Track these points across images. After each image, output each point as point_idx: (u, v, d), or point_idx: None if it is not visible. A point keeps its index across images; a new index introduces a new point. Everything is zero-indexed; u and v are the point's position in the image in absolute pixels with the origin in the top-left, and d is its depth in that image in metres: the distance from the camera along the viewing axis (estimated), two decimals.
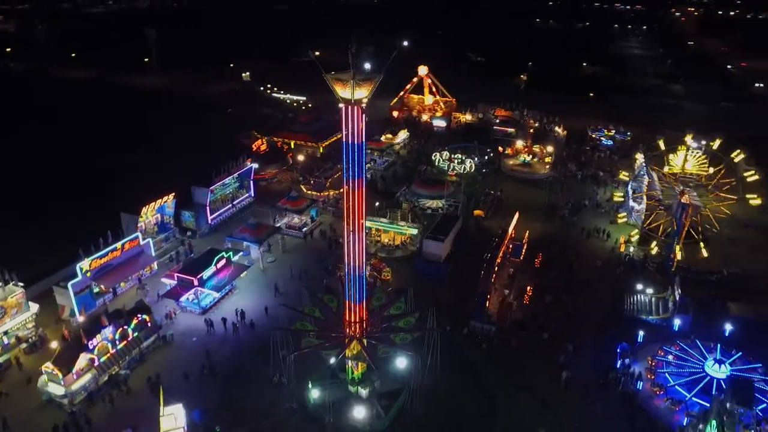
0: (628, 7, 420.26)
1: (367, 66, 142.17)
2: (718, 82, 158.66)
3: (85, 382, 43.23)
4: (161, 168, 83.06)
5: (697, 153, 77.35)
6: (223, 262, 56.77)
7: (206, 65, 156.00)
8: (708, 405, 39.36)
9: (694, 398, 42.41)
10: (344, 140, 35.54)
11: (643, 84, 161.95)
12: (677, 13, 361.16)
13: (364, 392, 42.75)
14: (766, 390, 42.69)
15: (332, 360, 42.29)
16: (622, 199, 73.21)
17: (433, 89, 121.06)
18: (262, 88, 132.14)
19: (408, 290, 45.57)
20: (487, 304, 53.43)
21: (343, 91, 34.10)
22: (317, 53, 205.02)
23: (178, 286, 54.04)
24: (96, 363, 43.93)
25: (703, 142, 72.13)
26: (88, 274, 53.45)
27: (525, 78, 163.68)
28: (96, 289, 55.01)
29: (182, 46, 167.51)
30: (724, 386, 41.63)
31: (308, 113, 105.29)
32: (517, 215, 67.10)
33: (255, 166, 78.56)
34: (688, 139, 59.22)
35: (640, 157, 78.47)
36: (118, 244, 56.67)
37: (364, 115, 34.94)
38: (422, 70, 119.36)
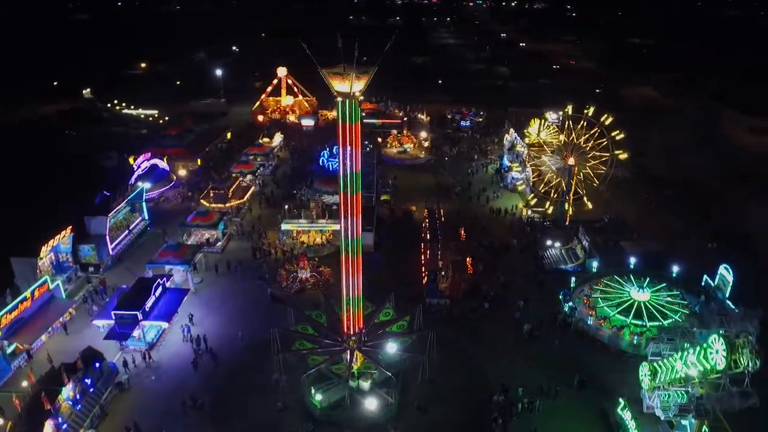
0: (426, 1, 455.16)
1: (219, 72, 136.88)
2: (530, 63, 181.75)
3: None
4: (25, 205, 71.55)
5: (550, 124, 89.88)
6: (160, 289, 51.98)
7: (14, 86, 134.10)
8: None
9: (632, 321, 50.69)
10: (340, 133, 36.06)
11: (470, 69, 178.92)
12: (471, 4, 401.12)
13: (366, 384, 43.18)
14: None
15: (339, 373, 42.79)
16: (520, 172, 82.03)
17: (294, 89, 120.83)
18: (109, 105, 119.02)
19: (390, 294, 47.04)
20: (438, 281, 56.91)
21: (340, 85, 34.30)
22: (143, 64, 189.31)
23: (117, 326, 48.27)
24: (63, 429, 37.98)
25: (561, 113, 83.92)
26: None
27: None
28: (10, 349, 46.85)
29: None
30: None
31: (178, 125, 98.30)
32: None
33: (147, 186, 72.04)
34: (569, 109, 68.79)
35: (511, 132, 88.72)
36: (27, 293, 48.75)
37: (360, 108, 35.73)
38: (281, 71, 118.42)
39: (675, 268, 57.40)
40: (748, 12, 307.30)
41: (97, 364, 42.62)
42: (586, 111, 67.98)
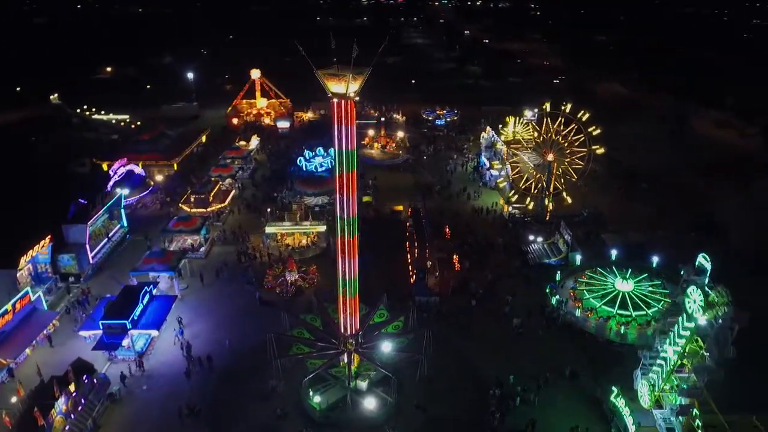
0: (392, 1, 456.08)
1: (190, 75, 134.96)
2: (499, 62, 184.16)
3: None
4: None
5: (527, 121, 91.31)
6: (147, 297, 51.04)
7: None
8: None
9: (617, 311, 52.01)
10: (336, 135, 36.08)
11: (441, 68, 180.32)
12: (437, 3, 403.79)
13: (363, 384, 43.25)
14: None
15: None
16: (500, 170, 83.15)
17: (269, 92, 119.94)
18: (78, 111, 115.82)
19: (383, 296, 47.21)
20: (427, 279, 57.35)
21: (335, 86, 34.30)
22: (108, 69, 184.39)
23: (105, 336, 47.18)
24: None
25: (536, 110, 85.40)
26: None
27: None
28: None
29: None
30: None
31: (150, 130, 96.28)
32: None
33: (126, 192, 70.54)
34: (547, 106, 70.09)
35: (489, 130, 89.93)
36: (9, 305, 47.25)
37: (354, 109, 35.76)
38: (255, 73, 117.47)
39: (655, 259, 59.12)
40: (708, 9, 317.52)
41: (86, 377, 41.54)
42: (563, 107, 69.43)
